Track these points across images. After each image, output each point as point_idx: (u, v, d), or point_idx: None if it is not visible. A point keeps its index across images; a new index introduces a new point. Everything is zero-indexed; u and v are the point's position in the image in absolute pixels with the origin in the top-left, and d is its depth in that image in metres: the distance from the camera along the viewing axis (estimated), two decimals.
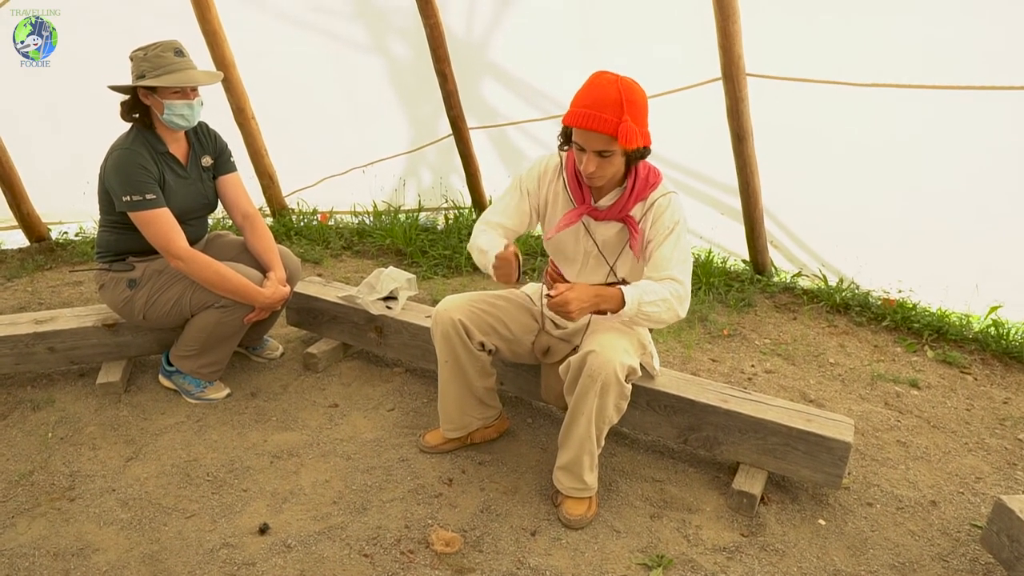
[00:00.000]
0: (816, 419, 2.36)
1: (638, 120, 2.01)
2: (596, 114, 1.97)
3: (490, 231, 2.33)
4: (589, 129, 1.99)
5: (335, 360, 3.21)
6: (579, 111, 2.00)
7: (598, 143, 2.02)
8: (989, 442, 2.81)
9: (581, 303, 2.04)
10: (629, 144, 1.97)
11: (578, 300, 2.03)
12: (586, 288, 2.08)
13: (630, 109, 1.98)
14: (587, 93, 2.01)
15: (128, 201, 2.56)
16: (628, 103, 1.97)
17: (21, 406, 2.82)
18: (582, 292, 2.05)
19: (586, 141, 2.03)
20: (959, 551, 2.23)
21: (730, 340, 3.56)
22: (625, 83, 2.00)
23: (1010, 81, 3.00)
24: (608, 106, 1.97)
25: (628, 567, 2.12)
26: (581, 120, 1.99)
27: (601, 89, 1.99)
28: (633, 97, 1.99)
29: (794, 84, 3.44)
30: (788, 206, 3.92)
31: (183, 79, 2.53)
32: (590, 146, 2.03)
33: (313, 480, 2.45)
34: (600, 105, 1.97)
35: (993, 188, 3.34)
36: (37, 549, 2.12)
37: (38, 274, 4.15)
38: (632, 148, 2.00)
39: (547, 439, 2.70)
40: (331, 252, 4.58)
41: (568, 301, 2.02)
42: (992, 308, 3.53)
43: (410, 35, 4.20)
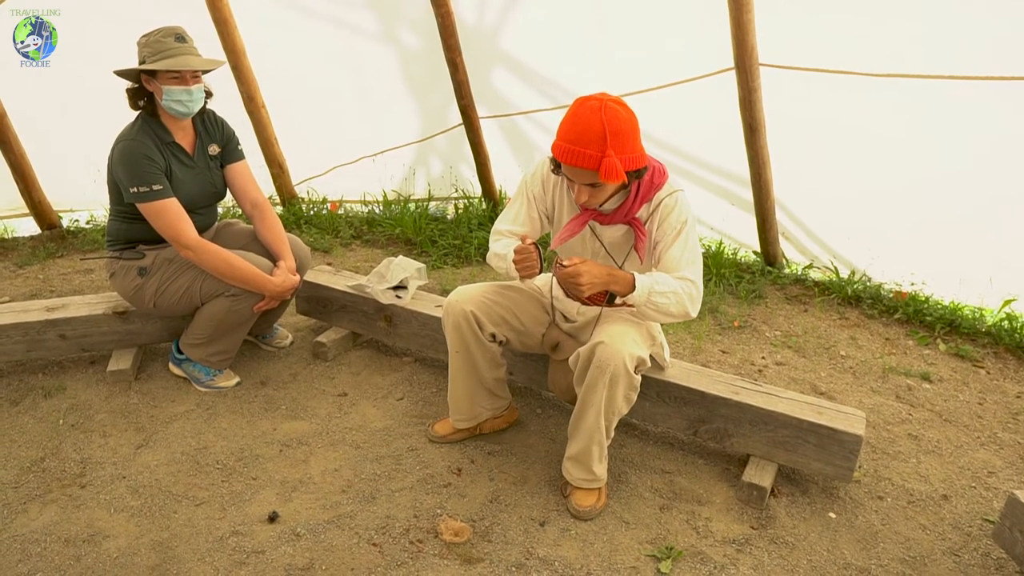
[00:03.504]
0: (827, 412, 2.35)
1: (624, 149, 1.95)
2: (579, 150, 1.93)
3: (504, 239, 2.34)
4: (572, 166, 1.97)
5: (344, 349, 3.22)
6: (562, 146, 1.97)
7: (584, 177, 2.00)
8: (1002, 436, 2.79)
9: (592, 277, 2.03)
10: (611, 180, 1.93)
11: (589, 274, 2.03)
12: (598, 266, 2.07)
13: (614, 141, 1.92)
14: (570, 126, 1.96)
15: (136, 193, 2.56)
16: (612, 135, 1.92)
17: (32, 393, 2.83)
18: (594, 268, 2.05)
19: (572, 175, 2.02)
20: (971, 546, 2.22)
21: (741, 332, 3.54)
22: (609, 112, 1.93)
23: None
24: (591, 141, 1.92)
25: (637, 558, 2.11)
26: (564, 156, 1.96)
27: (584, 122, 1.93)
28: (617, 127, 1.93)
29: (808, 74, 3.40)
30: (800, 198, 3.89)
31: (179, 63, 2.51)
32: (577, 179, 2.02)
33: (322, 469, 2.45)
34: (583, 140, 1.93)
35: (1009, 180, 3.29)
36: (48, 535, 2.13)
37: (49, 262, 4.16)
38: (616, 183, 1.97)
39: (556, 429, 2.69)
40: (341, 241, 4.58)
41: (580, 273, 2.01)
42: (1006, 301, 3.50)
43: (421, 24, 4.18)
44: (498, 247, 2.29)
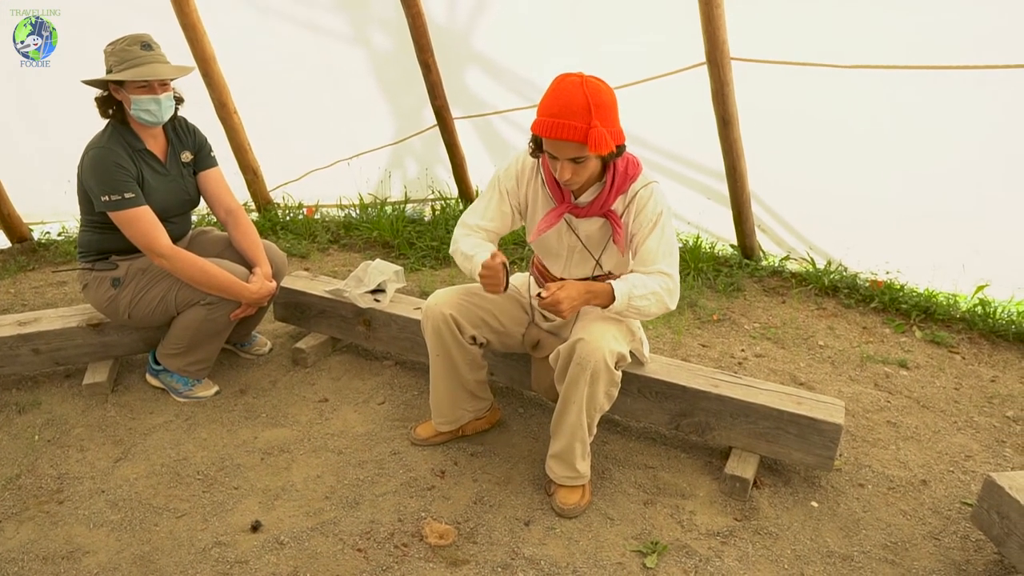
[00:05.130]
0: (807, 402, 2.37)
1: (608, 121, 1.95)
2: (564, 123, 1.92)
3: (472, 235, 2.30)
4: (558, 139, 1.94)
5: (324, 355, 3.20)
6: (546, 120, 1.94)
7: (569, 151, 1.97)
8: (978, 420, 2.83)
9: (572, 301, 2.03)
10: (600, 150, 1.92)
11: (569, 299, 2.02)
12: (576, 286, 2.06)
13: (598, 112, 1.92)
14: (553, 100, 1.95)
15: (107, 201, 2.52)
16: (596, 106, 1.91)
17: (6, 409, 2.78)
18: (572, 290, 2.04)
19: (557, 150, 1.99)
20: (950, 529, 2.25)
21: (720, 325, 3.56)
22: (591, 85, 1.93)
23: (997, 60, 3.00)
24: (576, 113, 1.91)
25: (623, 554, 2.12)
26: (549, 130, 1.94)
27: (567, 95, 1.92)
28: (600, 99, 1.93)
29: (779, 67, 3.43)
30: (775, 190, 3.92)
31: (145, 72, 2.47)
32: (562, 154, 1.99)
33: (305, 476, 2.43)
34: (567, 112, 1.91)
35: (980, 168, 3.34)
36: (26, 553, 2.09)
37: (20, 275, 4.10)
38: (605, 153, 1.96)
39: (539, 428, 2.69)
40: (318, 246, 4.55)
41: (559, 300, 2.01)
42: (979, 287, 3.55)
43: (392, 25, 4.16)
44: (466, 246, 2.25)
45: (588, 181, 2.14)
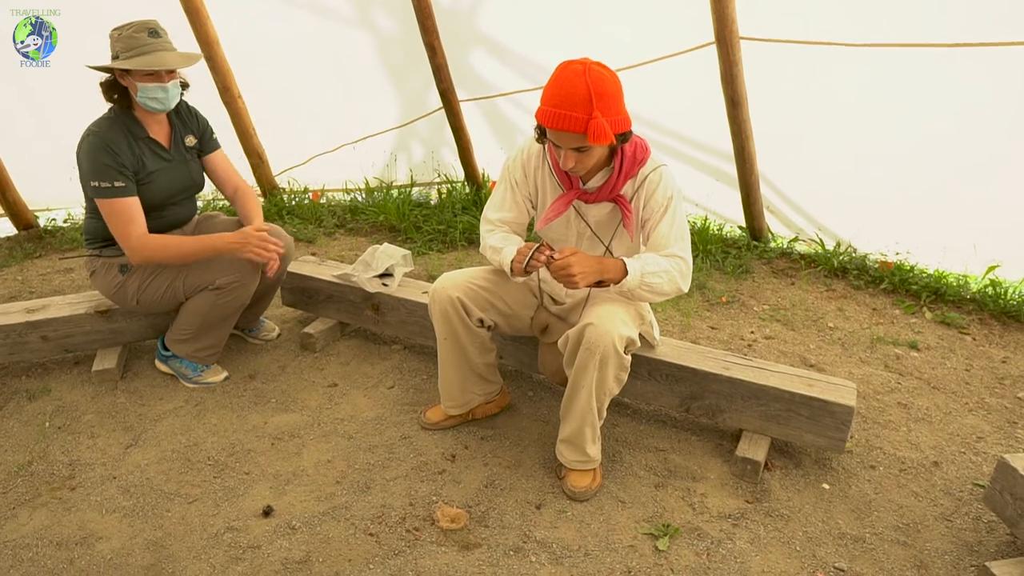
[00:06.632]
0: (818, 384, 2.36)
1: (610, 110, 1.93)
2: (565, 113, 1.90)
3: (496, 231, 2.33)
4: (559, 129, 1.93)
5: (332, 339, 3.19)
6: (548, 110, 1.94)
7: (571, 141, 1.96)
8: (989, 401, 2.81)
9: (583, 268, 2.01)
10: (600, 141, 1.91)
11: (580, 264, 2.01)
12: (588, 256, 2.05)
13: (599, 103, 1.90)
14: (555, 90, 1.93)
15: (96, 187, 2.51)
16: (597, 96, 1.89)
17: (16, 396, 2.79)
18: (584, 258, 2.03)
19: (559, 140, 1.98)
20: (962, 510, 2.24)
21: (729, 307, 3.54)
22: (593, 74, 1.91)
23: (1010, 38, 2.95)
24: (577, 103, 1.89)
25: (634, 537, 2.12)
26: (550, 120, 1.93)
27: (569, 84, 1.91)
28: (603, 88, 1.91)
29: (789, 46, 3.39)
30: (784, 171, 3.89)
31: (153, 62, 2.45)
32: (564, 144, 1.98)
33: (315, 461, 2.44)
34: (568, 103, 1.90)
35: (991, 146, 3.31)
36: (40, 539, 2.11)
37: (27, 262, 4.10)
38: (605, 144, 1.94)
39: (549, 412, 2.69)
40: (324, 231, 4.54)
41: (571, 264, 2.00)
42: (990, 268, 3.52)
43: (396, 7, 4.12)
44: (494, 240, 2.28)
45: (596, 167, 2.12)
